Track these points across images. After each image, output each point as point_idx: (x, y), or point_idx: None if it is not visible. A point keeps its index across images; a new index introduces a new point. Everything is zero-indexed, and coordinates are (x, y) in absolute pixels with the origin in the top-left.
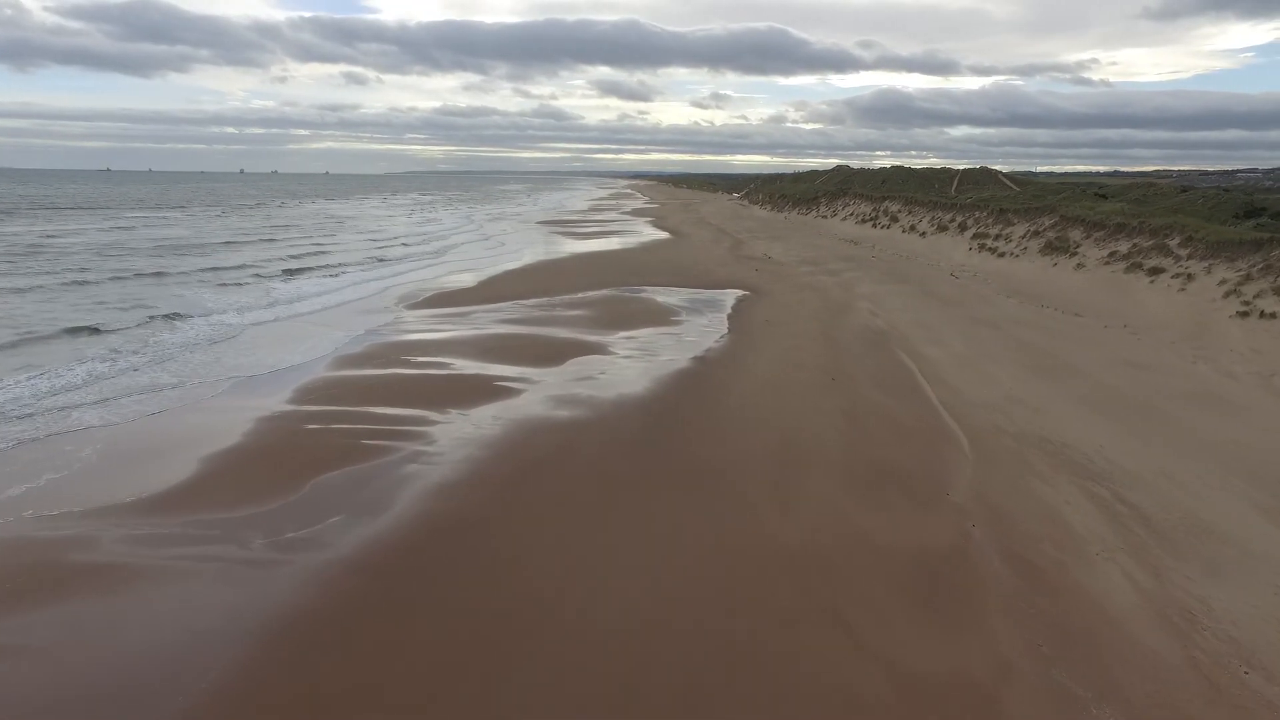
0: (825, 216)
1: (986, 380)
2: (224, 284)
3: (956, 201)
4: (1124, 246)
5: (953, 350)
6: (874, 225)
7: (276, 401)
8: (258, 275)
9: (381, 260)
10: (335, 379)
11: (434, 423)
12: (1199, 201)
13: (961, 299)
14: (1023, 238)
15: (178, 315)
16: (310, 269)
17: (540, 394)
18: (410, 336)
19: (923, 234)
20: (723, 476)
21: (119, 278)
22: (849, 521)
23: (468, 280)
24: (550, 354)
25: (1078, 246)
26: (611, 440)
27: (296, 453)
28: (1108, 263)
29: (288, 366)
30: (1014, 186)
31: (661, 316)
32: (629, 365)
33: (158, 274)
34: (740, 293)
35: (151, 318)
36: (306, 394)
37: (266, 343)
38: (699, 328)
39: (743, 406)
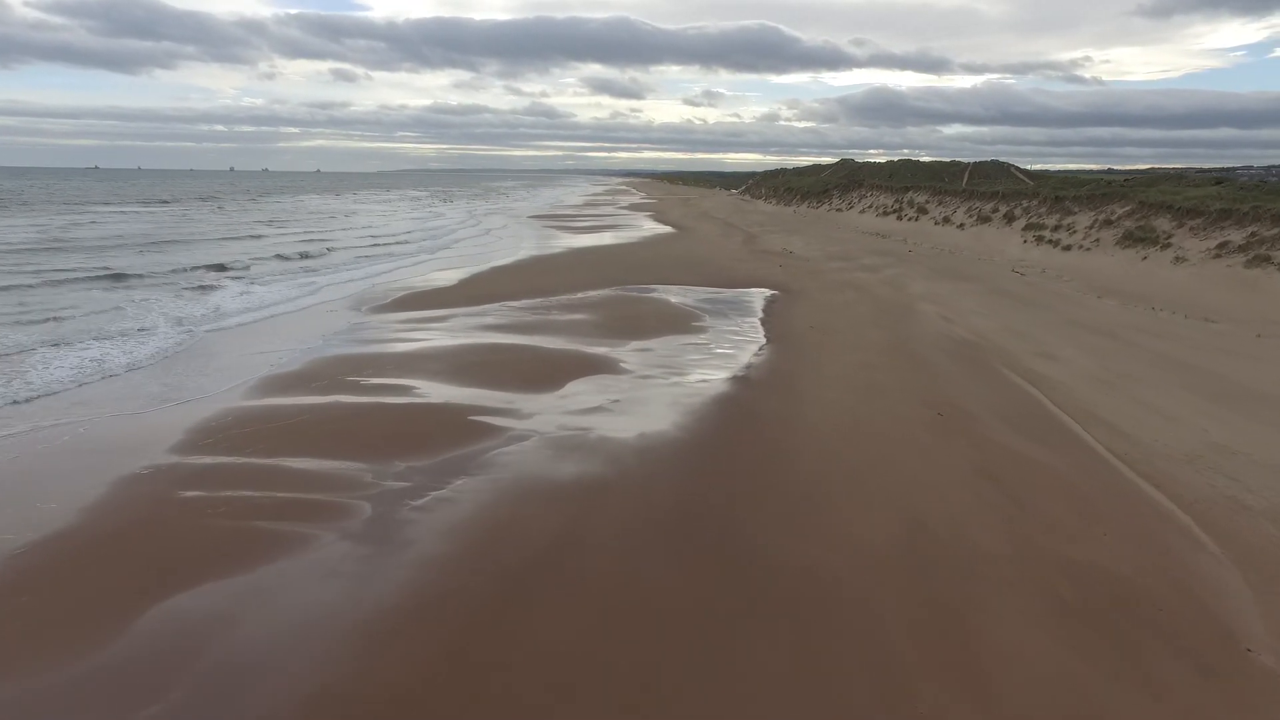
0: (840, 210)
1: (1157, 415)
2: (178, 286)
3: (999, 190)
4: (1237, 236)
5: (1078, 369)
6: (898, 218)
7: (156, 451)
8: (232, 277)
9: (367, 257)
10: (251, 412)
11: (371, 488)
12: (1240, 192)
13: (1042, 299)
14: (1090, 228)
15: (87, 332)
16: (283, 270)
17: (531, 434)
18: (368, 349)
19: (960, 226)
20: (831, 601)
21: (53, 282)
22: (1098, 708)
23: (449, 278)
24: (545, 372)
25: (1169, 237)
26: (640, 525)
27: (148, 547)
28: (1218, 255)
29: (195, 396)
30: (1028, 180)
31: (679, 321)
32: (649, 389)
33: (107, 276)
34: (768, 292)
35: (51, 336)
36: (203, 438)
37: (184, 364)
38: (729, 336)
39: (825, 459)
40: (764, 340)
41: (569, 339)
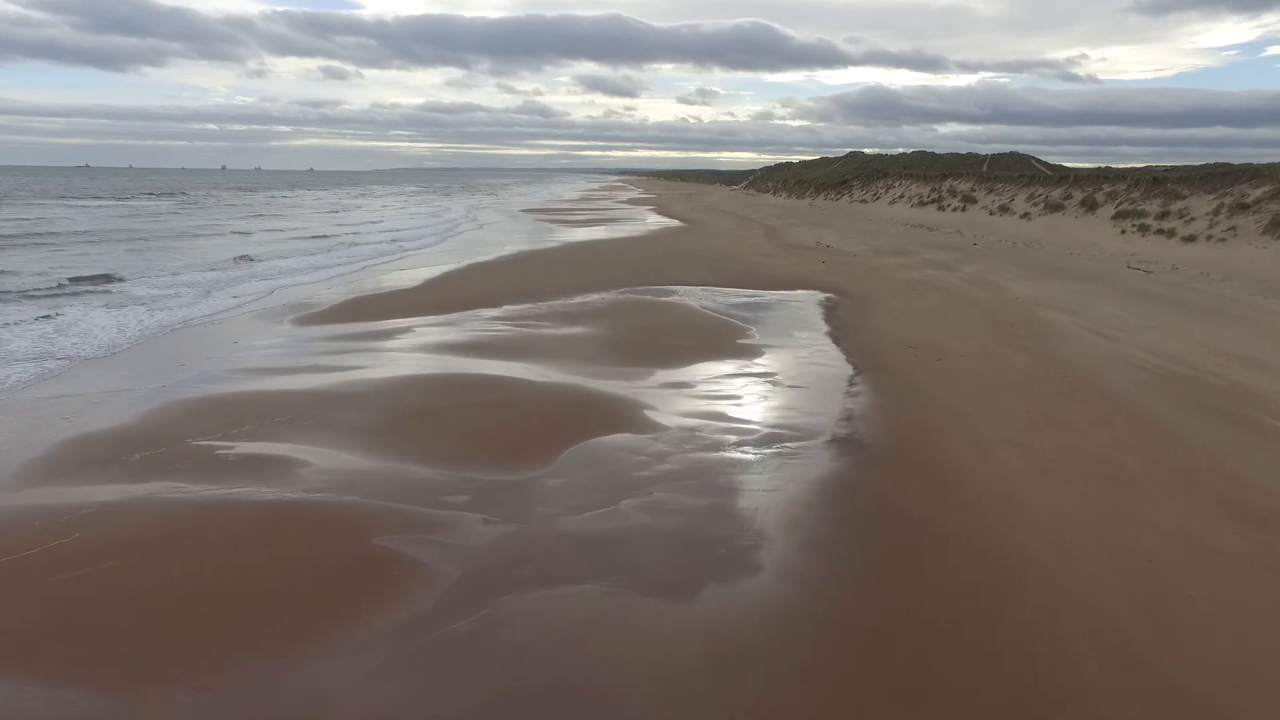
0: (864, 201)
1: None
2: (56, 299)
3: (1069, 174)
4: None
5: None
6: (939, 208)
7: None
8: (152, 284)
9: (350, 257)
10: None
11: None
12: None
13: (1217, 305)
14: (1213, 215)
15: None
16: (238, 268)
17: (487, 593)
18: (259, 384)
19: (1024, 215)
20: None
21: None
22: None
23: (413, 277)
24: (525, 429)
25: None
26: None
27: None
28: None
29: None
30: (1051, 174)
31: (717, 337)
32: (700, 465)
33: None
34: (820, 295)
35: None
36: None
37: None
38: (794, 360)
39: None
40: (851, 369)
41: (565, 366)
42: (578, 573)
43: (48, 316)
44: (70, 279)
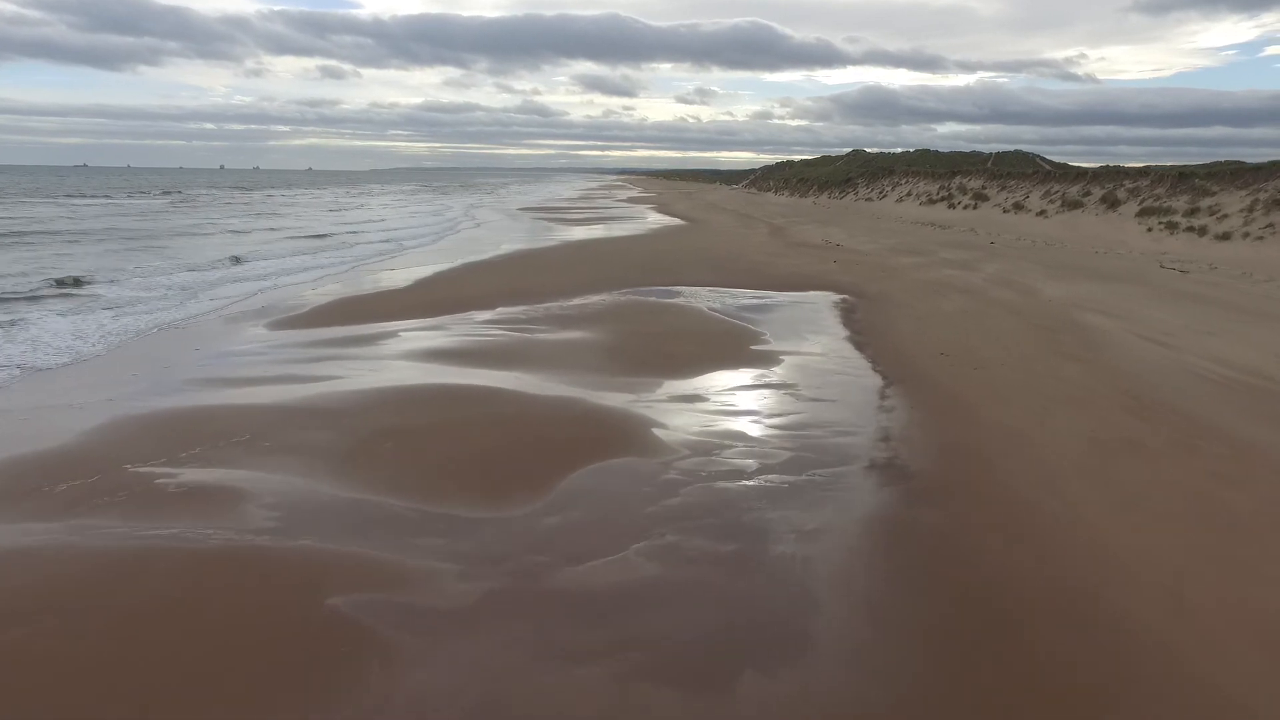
0: (870, 199)
1: None
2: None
3: (1087, 170)
4: None
5: None
6: (949, 205)
7: None
8: (121, 286)
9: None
10: None
11: None
12: None
13: (1262, 307)
14: (1248, 211)
15: None
16: (224, 267)
17: (477, 675)
18: (218, 396)
19: (1041, 213)
20: None
21: None
22: None
23: (403, 277)
24: (518, 452)
25: None
26: None
27: None
28: None
29: None
30: (1055, 171)
31: (727, 342)
32: (722, 501)
33: None
34: (834, 296)
35: None
36: None
37: None
38: (818, 371)
39: None
40: (880, 379)
41: (562, 375)
42: (579, 648)
43: (9, 323)
44: (44, 281)
